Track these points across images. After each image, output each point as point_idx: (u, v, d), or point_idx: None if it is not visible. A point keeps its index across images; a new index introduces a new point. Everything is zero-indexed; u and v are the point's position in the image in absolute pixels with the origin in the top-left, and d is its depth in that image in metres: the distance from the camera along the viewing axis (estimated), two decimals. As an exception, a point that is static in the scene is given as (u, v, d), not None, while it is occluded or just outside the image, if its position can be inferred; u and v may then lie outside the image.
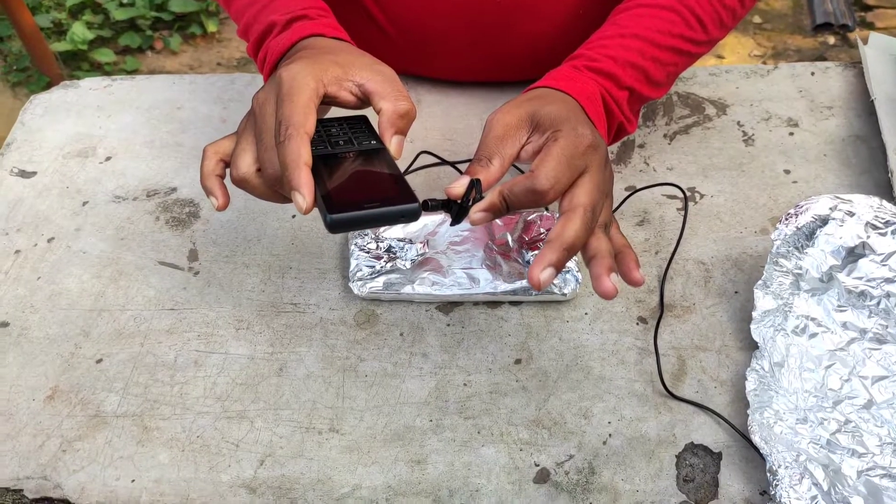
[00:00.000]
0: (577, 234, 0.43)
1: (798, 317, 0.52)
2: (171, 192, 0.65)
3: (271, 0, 0.54)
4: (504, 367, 0.53)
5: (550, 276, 0.43)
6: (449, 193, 0.44)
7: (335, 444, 0.49)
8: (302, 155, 0.41)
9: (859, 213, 0.52)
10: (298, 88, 0.43)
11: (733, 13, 0.59)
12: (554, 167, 0.43)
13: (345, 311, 0.56)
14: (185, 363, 0.53)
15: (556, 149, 0.44)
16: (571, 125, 0.45)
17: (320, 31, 0.51)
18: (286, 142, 0.42)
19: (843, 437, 0.47)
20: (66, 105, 0.73)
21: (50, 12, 2.24)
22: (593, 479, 0.47)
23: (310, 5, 0.54)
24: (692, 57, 0.58)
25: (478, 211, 0.44)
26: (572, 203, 0.44)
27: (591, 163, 0.45)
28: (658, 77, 0.56)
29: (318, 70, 0.45)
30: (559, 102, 0.48)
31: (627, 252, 0.47)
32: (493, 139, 0.46)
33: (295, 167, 0.41)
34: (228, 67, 2.16)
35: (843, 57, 2.12)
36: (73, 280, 0.58)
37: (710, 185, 0.64)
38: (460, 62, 0.70)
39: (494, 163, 0.45)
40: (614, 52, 0.53)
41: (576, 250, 0.43)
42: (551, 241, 0.43)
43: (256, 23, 0.55)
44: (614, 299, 0.56)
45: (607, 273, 0.43)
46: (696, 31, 0.56)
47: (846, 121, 0.69)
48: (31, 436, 0.50)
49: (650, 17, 0.55)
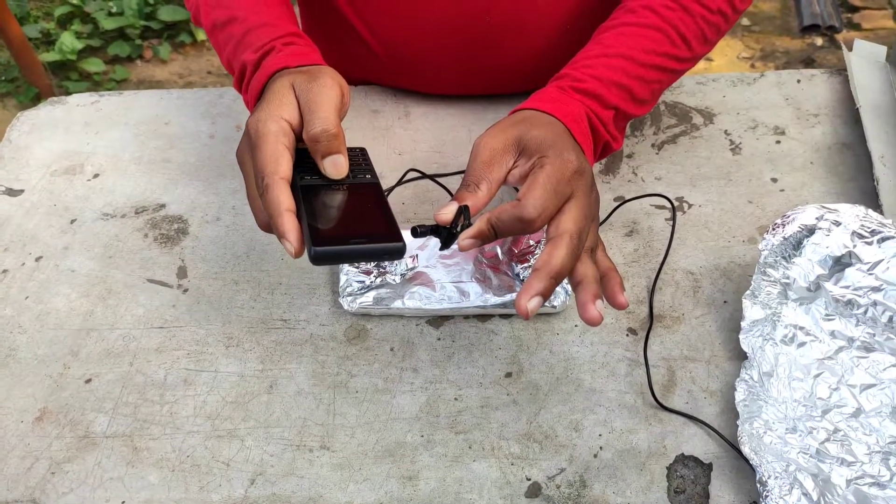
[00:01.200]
0: (564, 261, 0.43)
1: (786, 326, 0.53)
2: (160, 209, 0.65)
3: (245, 34, 0.55)
4: (495, 381, 0.53)
5: (538, 304, 0.43)
6: (438, 219, 0.45)
7: (326, 461, 0.49)
8: (282, 202, 0.43)
9: (845, 222, 0.52)
10: (264, 135, 0.45)
11: (717, 29, 0.59)
12: (541, 195, 0.44)
13: (335, 326, 0.56)
14: (175, 382, 0.53)
15: (542, 176, 0.44)
16: (557, 150, 0.45)
17: (285, 63, 0.51)
18: (265, 193, 0.43)
19: (833, 447, 0.48)
20: (53, 121, 0.73)
21: (38, 22, 2.23)
22: (585, 492, 0.47)
23: (278, 35, 0.54)
24: (676, 73, 0.59)
25: (466, 238, 0.44)
26: (559, 230, 0.44)
27: (578, 188, 0.45)
28: (643, 95, 0.56)
29: (276, 110, 0.46)
30: (545, 126, 0.48)
31: (613, 275, 0.47)
32: (481, 164, 0.46)
33: (278, 216, 0.42)
34: (218, 76, 2.16)
35: (831, 58, 2.14)
36: (62, 299, 0.58)
37: (698, 194, 0.64)
38: (448, 78, 0.71)
39: (482, 188, 0.45)
40: (599, 71, 0.54)
41: (563, 277, 0.44)
42: (538, 270, 0.43)
43: (235, 61, 0.56)
44: (604, 311, 0.56)
45: (593, 300, 0.44)
46: (681, 49, 0.57)
47: (832, 128, 0.69)
48: (19, 458, 0.49)
49: (634, 35, 0.55)
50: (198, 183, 0.67)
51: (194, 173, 0.68)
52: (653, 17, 0.56)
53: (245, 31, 0.55)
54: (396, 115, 0.72)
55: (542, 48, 0.67)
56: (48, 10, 2.28)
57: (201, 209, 0.65)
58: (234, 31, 0.56)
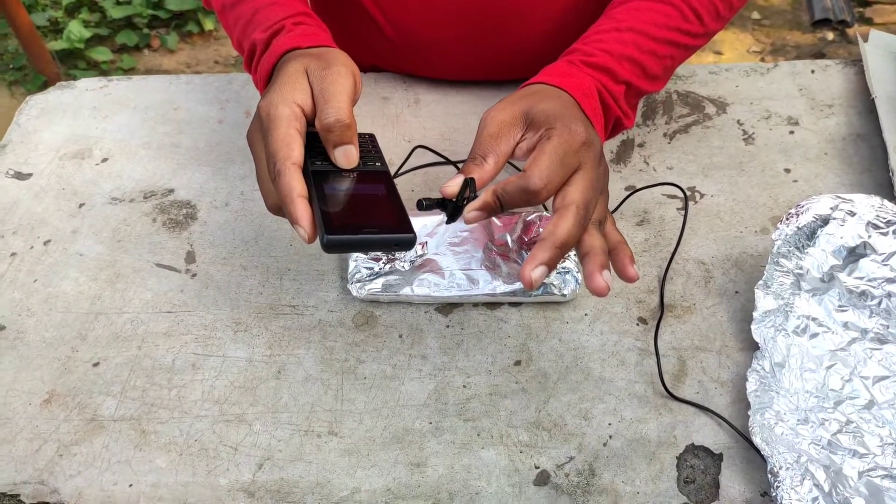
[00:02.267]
0: (570, 232, 0.43)
1: (799, 317, 0.52)
2: (169, 194, 0.64)
3: (254, 13, 0.55)
4: (504, 369, 0.52)
5: (542, 274, 0.43)
6: (444, 192, 0.45)
7: (334, 447, 0.49)
8: (294, 188, 0.42)
9: (860, 212, 0.52)
10: (276, 119, 0.44)
11: (730, 4, 0.58)
12: (547, 166, 0.43)
13: (343, 312, 0.56)
14: (183, 366, 0.53)
15: (549, 147, 0.44)
16: (565, 122, 0.45)
17: (296, 43, 0.51)
18: (277, 178, 0.43)
19: (845, 438, 0.47)
20: (62, 106, 0.73)
21: (46, 10, 2.23)
22: (594, 480, 0.47)
23: (287, 14, 0.54)
24: (689, 49, 0.58)
25: (472, 210, 0.44)
26: (565, 201, 0.44)
27: (585, 160, 0.45)
28: (655, 70, 0.55)
29: (290, 93, 0.45)
30: (554, 99, 0.48)
31: (623, 248, 0.46)
32: (488, 137, 0.46)
33: (290, 202, 0.42)
34: (226, 66, 2.15)
35: (842, 53, 2.12)
36: (70, 283, 0.58)
37: (711, 184, 0.64)
38: (459, 63, 0.70)
39: (489, 161, 0.45)
40: (610, 46, 0.53)
41: (568, 248, 0.43)
42: (544, 240, 0.43)
43: (245, 40, 0.55)
44: (615, 300, 0.56)
45: (599, 270, 0.43)
46: (693, 24, 0.56)
47: (847, 119, 0.69)
48: (27, 440, 0.49)
49: (646, 10, 0.55)
50: (206, 168, 0.66)
51: (203, 158, 0.67)
52: None
53: (254, 11, 0.54)
54: (406, 102, 0.72)
55: (551, 30, 0.66)
56: (56, -2, 2.28)
57: (210, 194, 0.64)
58: (243, 11, 0.55)
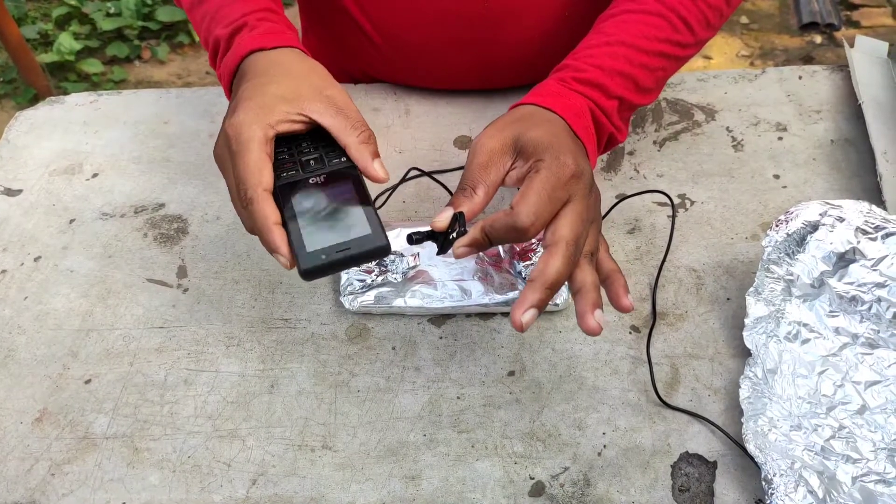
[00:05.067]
0: (560, 270, 0.42)
1: (790, 323, 0.52)
2: (159, 208, 0.64)
3: (218, 8, 0.54)
4: (497, 380, 0.52)
5: (533, 317, 0.42)
6: (434, 226, 0.44)
7: (328, 461, 0.49)
8: (269, 216, 0.42)
9: (849, 218, 0.52)
10: (246, 143, 0.44)
11: (720, 13, 0.58)
12: (535, 202, 0.43)
13: (336, 325, 0.56)
14: (175, 382, 0.53)
15: (537, 182, 0.43)
16: (554, 153, 0.45)
17: (259, 44, 0.50)
18: (249, 206, 0.43)
19: (838, 444, 0.47)
20: (51, 121, 0.73)
21: (36, 23, 2.22)
22: (588, 490, 0.47)
23: (251, 10, 0.53)
24: (680, 60, 0.58)
25: (460, 246, 0.44)
26: (555, 237, 0.43)
27: (575, 192, 0.44)
28: (647, 83, 0.55)
29: (263, 115, 0.45)
30: (544, 125, 0.47)
31: (616, 277, 0.46)
32: (478, 167, 0.46)
33: (266, 231, 0.42)
34: (216, 76, 2.15)
35: (830, 56, 2.13)
36: (61, 299, 0.58)
37: (701, 191, 0.64)
38: (448, 69, 0.70)
39: (479, 192, 0.45)
40: (601, 60, 0.53)
41: (559, 287, 0.43)
42: (533, 281, 0.42)
43: (209, 37, 0.55)
44: (607, 308, 0.55)
45: (591, 310, 0.43)
46: (683, 34, 0.56)
47: (835, 124, 0.69)
48: (18, 459, 0.49)
49: (636, 22, 0.55)
50: (197, 182, 0.66)
51: (194, 172, 0.67)
52: (653, 3, 0.55)
53: (218, 7, 0.54)
54: (397, 113, 0.72)
55: (542, 36, 0.66)
56: (46, 10, 2.27)
57: (201, 208, 0.64)
58: (208, 8, 0.55)
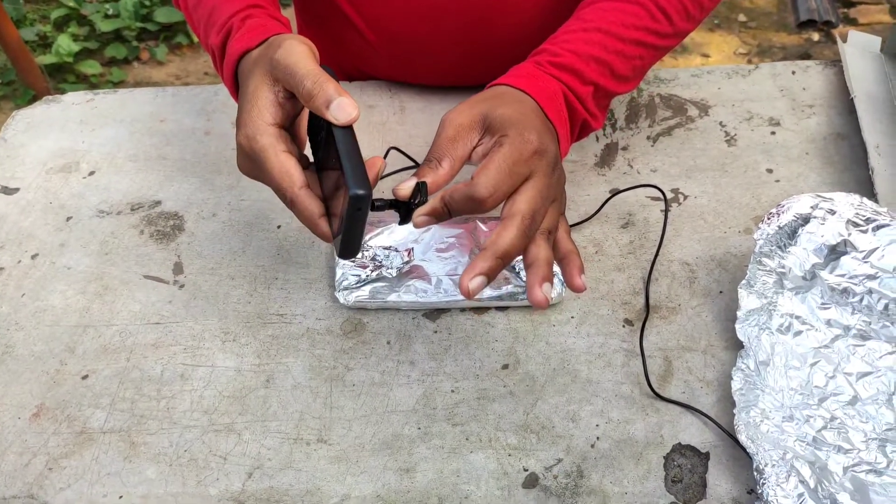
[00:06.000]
0: (512, 242, 0.43)
1: (782, 315, 0.53)
2: (156, 206, 0.65)
3: (210, 13, 0.55)
4: (491, 373, 0.53)
5: (481, 284, 0.43)
6: (396, 194, 0.45)
7: (323, 454, 0.49)
8: (313, 212, 0.45)
9: (840, 210, 0.52)
10: (261, 153, 0.45)
11: (700, 5, 0.58)
12: (494, 175, 0.43)
13: (331, 320, 0.56)
14: (172, 377, 0.53)
15: (498, 155, 0.44)
16: (518, 130, 0.45)
17: (245, 45, 0.51)
18: (293, 206, 0.45)
19: (829, 434, 0.48)
20: (48, 120, 0.73)
21: (35, 25, 2.23)
22: (582, 482, 0.47)
23: (235, 10, 0.54)
24: (659, 50, 0.58)
25: (420, 215, 0.45)
26: (511, 210, 0.44)
27: (537, 169, 0.45)
28: (623, 71, 0.55)
29: (260, 119, 0.46)
30: (514, 104, 0.48)
31: (572, 258, 0.47)
32: (445, 140, 0.46)
33: (314, 226, 0.45)
34: (215, 77, 2.16)
35: (828, 53, 2.14)
36: (58, 296, 0.58)
37: (694, 185, 0.64)
38: (441, 64, 0.70)
39: (444, 165, 0.45)
40: (577, 46, 0.53)
41: (511, 258, 0.43)
42: (485, 249, 0.43)
43: (208, 46, 0.56)
44: (600, 302, 0.56)
45: (539, 283, 0.44)
46: (662, 24, 0.56)
47: (827, 119, 0.69)
48: (16, 454, 0.49)
49: (614, 10, 0.55)
50: (194, 179, 0.67)
51: (190, 170, 0.68)
52: None
53: (210, 10, 0.55)
54: (392, 110, 0.72)
55: (534, 30, 0.66)
56: (44, 12, 2.28)
57: (197, 205, 0.65)
58: (202, 12, 0.56)
